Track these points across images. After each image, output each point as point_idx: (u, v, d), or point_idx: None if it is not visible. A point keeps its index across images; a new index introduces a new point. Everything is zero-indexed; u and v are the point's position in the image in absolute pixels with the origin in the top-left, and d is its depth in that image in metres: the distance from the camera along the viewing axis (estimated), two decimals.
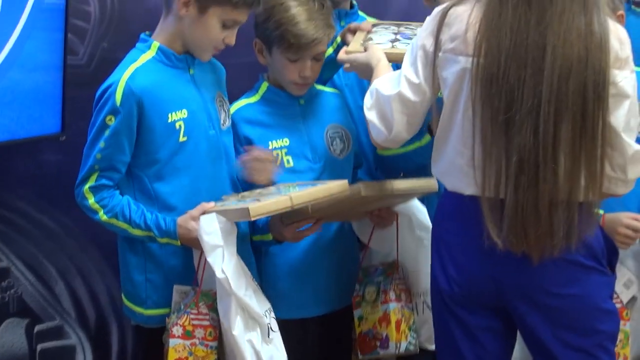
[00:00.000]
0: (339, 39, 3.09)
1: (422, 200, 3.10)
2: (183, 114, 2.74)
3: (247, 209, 2.54)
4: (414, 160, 3.06)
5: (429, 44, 2.51)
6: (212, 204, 2.69)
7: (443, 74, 2.50)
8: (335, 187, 2.70)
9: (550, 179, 2.36)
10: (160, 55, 2.75)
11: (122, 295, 2.88)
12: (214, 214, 2.62)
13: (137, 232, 2.72)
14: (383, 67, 2.76)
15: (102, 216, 2.73)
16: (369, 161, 3.24)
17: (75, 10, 3.45)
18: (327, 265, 3.04)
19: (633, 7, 3.81)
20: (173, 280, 2.74)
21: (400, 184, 2.86)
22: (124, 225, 2.72)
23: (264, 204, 2.60)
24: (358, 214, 3.02)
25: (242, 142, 2.96)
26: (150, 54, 2.76)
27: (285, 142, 2.98)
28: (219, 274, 2.57)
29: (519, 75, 2.34)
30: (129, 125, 2.68)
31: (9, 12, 3.05)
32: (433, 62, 2.51)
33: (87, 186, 2.72)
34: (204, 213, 2.64)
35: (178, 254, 2.75)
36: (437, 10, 2.52)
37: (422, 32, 2.55)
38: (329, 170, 2.98)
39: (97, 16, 3.62)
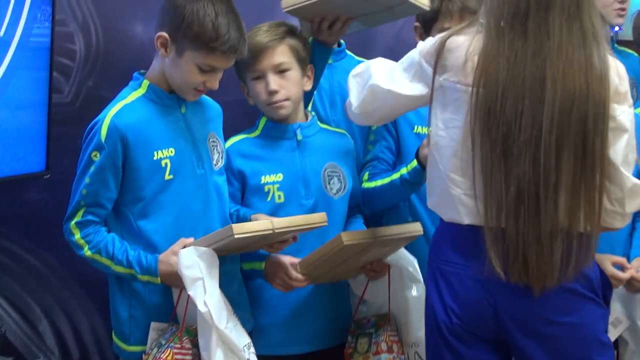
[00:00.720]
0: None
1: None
2: (170, 152, 2.75)
3: (231, 227, 2.56)
4: (400, 190, 3.06)
5: (428, 64, 2.52)
6: (191, 239, 2.69)
7: (441, 99, 2.50)
8: (315, 217, 2.75)
9: (550, 209, 2.36)
10: (151, 93, 2.77)
11: (112, 331, 2.88)
12: (191, 247, 2.62)
13: (119, 269, 2.72)
14: None
15: (87, 252, 2.73)
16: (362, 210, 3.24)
17: (60, 48, 3.46)
18: (317, 303, 3.03)
19: (616, 45, 3.84)
20: (155, 318, 2.74)
21: (383, 231, 2.86)
22: (107, 262, 2.72)
23: (247, 224, 2.64)
24: (352, 271, 3.02)
25: (235, 176, 2.96)
26: (140, 91, 2.77)
27: (279, 177, 2.98)
28: (201, 307, 2.57)
29: (516, 107, 2.35)
30: (114, 162, 2.69)
31: None
32: (429, 79, 2.52)
33: (73, 222, 2.73)
34: (184, 247, 2.65)
35: (160, 291, 2.74)
36: (439, 36, 2.53)
37: (423, 49, 2.55)
38: (322, 209, 2.96)
39: (82, 55, 3.63)
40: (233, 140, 3.01)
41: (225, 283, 2.69)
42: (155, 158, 2.72)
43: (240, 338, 2.64)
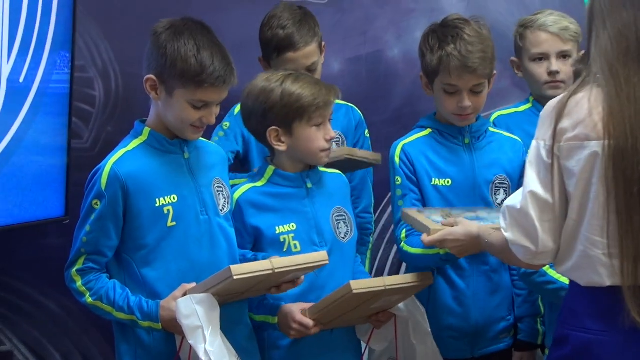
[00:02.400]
0: None
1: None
2: (172, 198, 2.73)
3: (229, 268, 2.55)
4: (437, 262, 3.04)
5: (547, 138, 2.42)
6: (193, 284, 2.68)
7: (568, 164, 2.40)
8: (316, 256, 2.74)
9: None
10: (152, 139, 2.76)
11: None
12: (189, 296, 2.61)
13: (120, 316, 2.71)
14: (487, 228, 2.70)
15: (88, 299, 2.72)
16: None
17: (80, 94, 3.49)
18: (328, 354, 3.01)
19: None
20: None
21: (393, 280, 2.83)
22: (108, 308, 2.71)
23: (246, 264, 2.64)
24: (361, 319, 2.99)
25: (247, 230, 2.94)
26: (141, 139, 2.76)
27: (292, 226, 2.96)
28: (202, 356, 2.56)
29: None
30: (114, 210, 2.68)
31: (14, 96, 3.09)
32: (552, 157, 2.41)
33: (74, 269, 2.72)
34: (185, 294, 2.64)
35: (164, 339, 2.72)
36: (554, 102, 2.45)
37: (539, 130, 2.46)
38: (335, 254, 2.95)
39: (102, 100, 3.66)
40: (240, 190, 2.96)
41: (229, 329, 2.68)
42: (157, 205, 2.71)
43: None
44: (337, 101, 3.14)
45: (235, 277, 2.55)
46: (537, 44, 3.42)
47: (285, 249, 2.93)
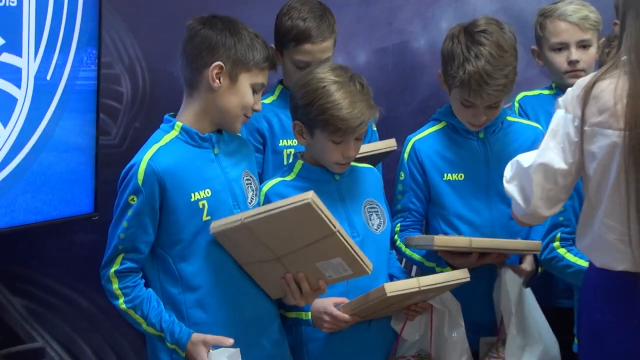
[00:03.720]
0: None
1: None
2: (206, 193, 2.75)
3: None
4: (427, 270, 3.07)
5: (578, 116, 2.44)
6: (231, 340, 2.66)
7: (590, 148, 2.42)
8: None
9: None
10: (184, 134, 2.77)
11: None
12: (220, 350, 2.62)
13: (150, 330, 2.71)
14: None
15: (122, 304, 2.71)
16: None
17: (107, 90, 3.50)
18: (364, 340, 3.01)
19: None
20: None
21: (427, 280, 2.82)
22: (140, 320, 2.71)
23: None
24: (394, 311, 2.99)
25: None
26: (173, 133, 2.77)
27: None
28: None
29: None
30: (152, 205, 2.68)
31: (41, 94, 3.11)
32: (580, 135, 2.44)
33: (112, 270, 2.71)
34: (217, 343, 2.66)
35: None
36: (583, 82, 2.46)
37: (567, 104, 2.47)
38: (368, 245, 2.93)
39: (129, 97, 3.67)
40: (270, 184, 2.96)
41: (263, 325, 2.72)
42: (192, 200, 2.71)
43: None
44: None
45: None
46: (556, 33, 3.39)
47: None
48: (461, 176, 3.12)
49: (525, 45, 3.14)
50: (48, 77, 3.13)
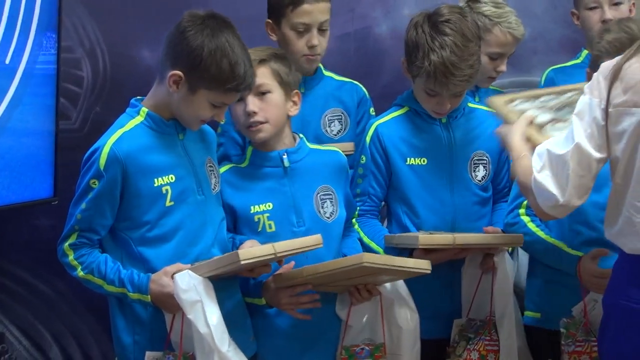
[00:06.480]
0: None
1: None
2: (170, 178, 2.75)
3: (237, 254, 2.57)
4: None
5: (603, 98, 2.41)
6: (188, 265, 2.68)
7: (616, 129, 2.39)
8: (310, 239, 2.75)
9: None
10: (149, 120, 2.76)
11: (115, 358, 2.87)
12: (187, 271, 2.62)
13: (111, 289, 2.72)
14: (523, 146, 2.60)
15: (80, 272, 2.73)
16: None
17: (67, 75, 3.48)
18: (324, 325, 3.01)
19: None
20: (159, 342, 2.73)
21: (400, 261, 2.81)
22: (99, 281, 2.72)
23: (251, 249, 2.65)
24: (343, 287, 2.99)
25: (225, 208, 2.93)
26: (138, 119, 2.76)
27: (268, 206, 2.94)
28: (202, 329, 2.56)
29: None
30: (112, 191, 2.68)
31: (0, 78, 3.08)
32: (606, 118, 2.40)
33: (67, 243, 2.73)
34: (178, 271, 2.66)
35: (162, 318, 2.74)
36: (609, 65, 2.43)
37: (592, 89, 2.44)
38: (317, 233, 2.92)
39: (89, 81, 3.65)
40: (223, 169, 2.97)
41: (222, 304, 2.68)
42: (155, 185, 2.71)
43: None
44: (342, 78, 3.24)
45: (242, 262, 2.57)
46: None
47: (259, 229, 2.92)
48: (424, 161, 3.12)
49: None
50: (7, 61, 3.11)
